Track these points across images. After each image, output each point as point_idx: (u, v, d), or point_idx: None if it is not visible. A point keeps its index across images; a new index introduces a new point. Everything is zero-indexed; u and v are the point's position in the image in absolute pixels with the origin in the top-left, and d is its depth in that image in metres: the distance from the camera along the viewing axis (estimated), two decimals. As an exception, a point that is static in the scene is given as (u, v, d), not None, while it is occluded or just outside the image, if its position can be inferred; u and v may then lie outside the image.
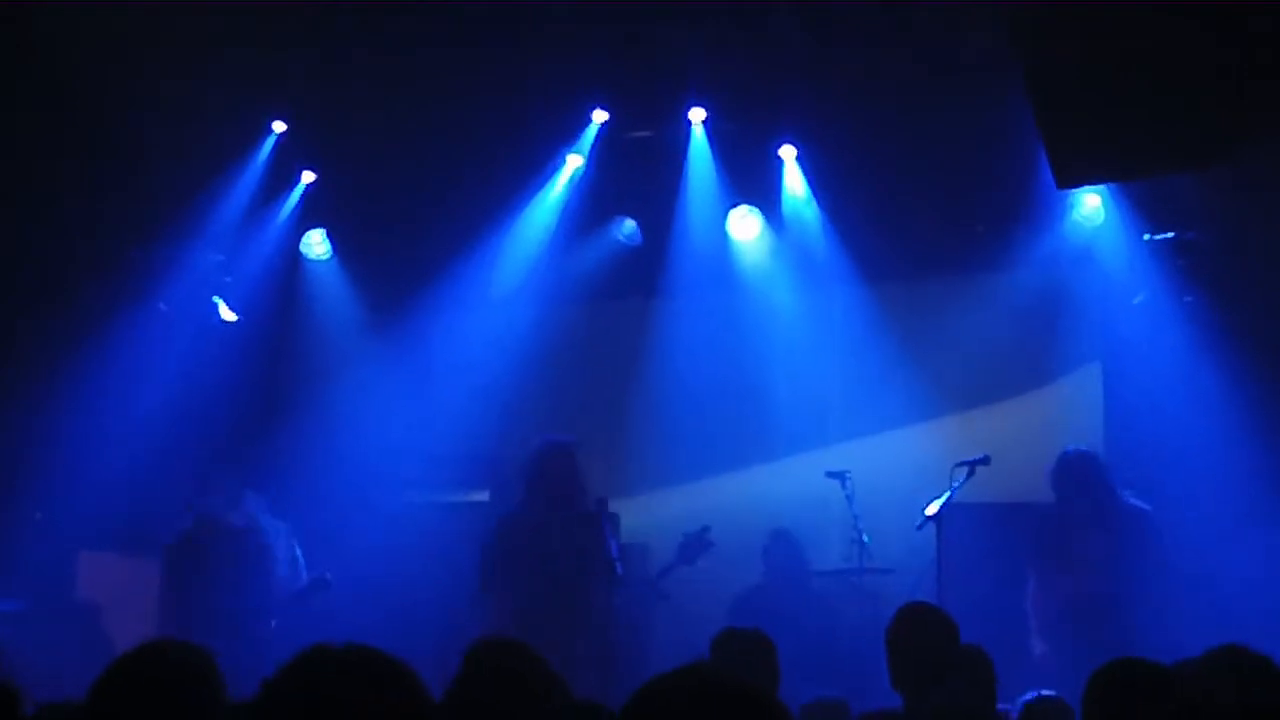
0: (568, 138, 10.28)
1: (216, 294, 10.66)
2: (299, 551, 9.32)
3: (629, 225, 10.75)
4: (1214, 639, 4.66)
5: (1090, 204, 9.72)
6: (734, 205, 10.47)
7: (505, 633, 6.97)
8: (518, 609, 8.34)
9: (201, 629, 8.07)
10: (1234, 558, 8.58)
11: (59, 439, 9.65)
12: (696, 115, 10.06)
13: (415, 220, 10.78)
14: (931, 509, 8.36)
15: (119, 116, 9.50)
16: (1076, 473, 8.62)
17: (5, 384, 9.90)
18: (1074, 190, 9.24)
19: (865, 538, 9.24)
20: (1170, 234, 9.45)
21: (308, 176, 10.73)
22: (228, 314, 10.66)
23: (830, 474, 9.50)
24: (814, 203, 10.25)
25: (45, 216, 9.87)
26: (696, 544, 9.48)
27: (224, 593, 8.78)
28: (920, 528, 8.39)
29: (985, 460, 8.60)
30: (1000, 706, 5.44)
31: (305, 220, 10.93)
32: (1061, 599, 8.54)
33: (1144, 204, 9.50)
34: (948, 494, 8.42)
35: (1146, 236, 9.57)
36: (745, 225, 10.54)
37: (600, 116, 10.15)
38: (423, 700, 2.69)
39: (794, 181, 10.28)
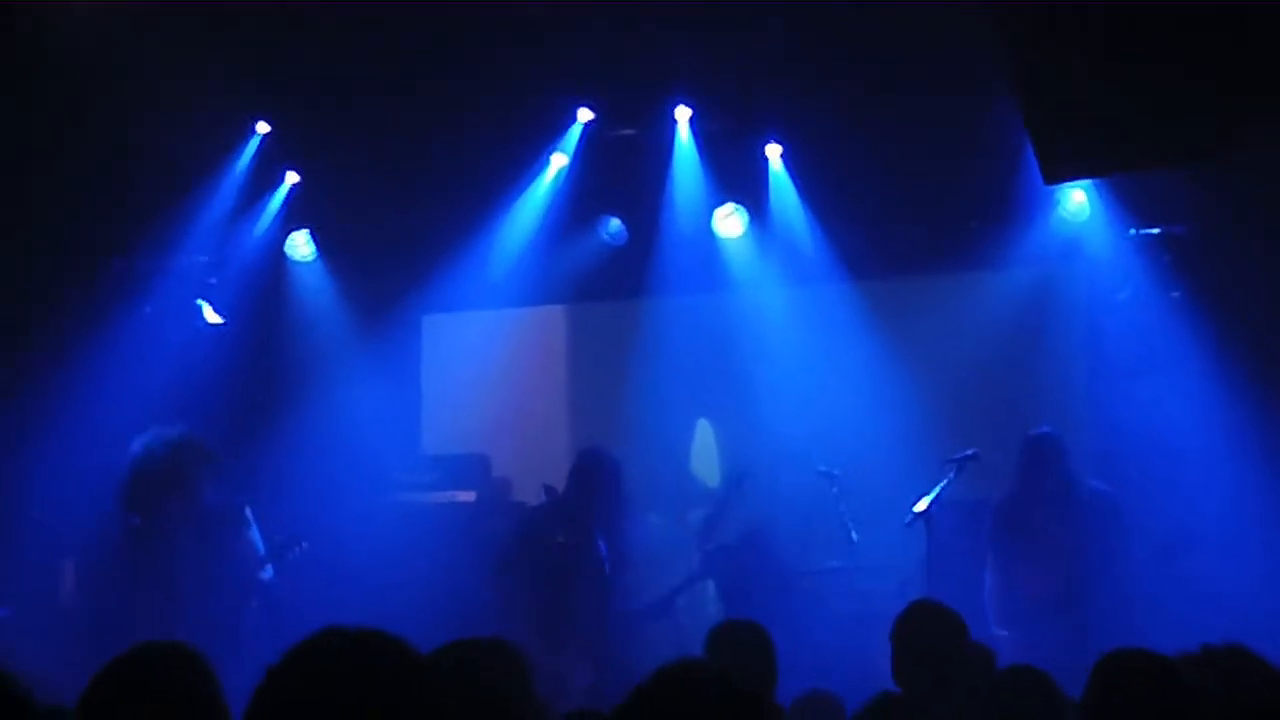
0: (552, 137, 10.26)
1: (201, 297, 10.64)
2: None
3: (614, 224, 10.72)
4: (1202, 634, 4.68)
5: (1076, 199, 9.70)
6: (720, 203, 10.46)
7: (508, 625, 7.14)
8: (519, 603, 8.42)
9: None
10: (1221, 552, 8.58)
11: (44, 445, 9.60)
12: (682, 113, 10.04)
13: (400, 221, 10.76)
14: (920, 506, 8.35)
15: (101, 120, 9.47)
16: (1038, 453, 8.59)
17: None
18: (1060, 186, 9.23)
19: (854, 535, 9.23)
20: (1157, 229, 9.45)
21: (291, 178, 10.71)
22: (213, 317, 10.63)
23: (819, 472, 9.48)
24: (799, 200, 10.24)
25: (27, 223, 9.83)
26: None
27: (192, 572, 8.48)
28: (909, 525, 8.38)
29: (975, 456, 8.59)
30: None
31: (289, 222, 10.91)
32: (1025, 589, 8.50)
33: (1130, 199, 9.49)
34: (936, 491, 8.41)
35: (1133, 231, 9.57)
36: (731, 223, 10.52)
37: (585, 115, 10.14)
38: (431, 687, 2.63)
39: (779, 179, 10.28)
